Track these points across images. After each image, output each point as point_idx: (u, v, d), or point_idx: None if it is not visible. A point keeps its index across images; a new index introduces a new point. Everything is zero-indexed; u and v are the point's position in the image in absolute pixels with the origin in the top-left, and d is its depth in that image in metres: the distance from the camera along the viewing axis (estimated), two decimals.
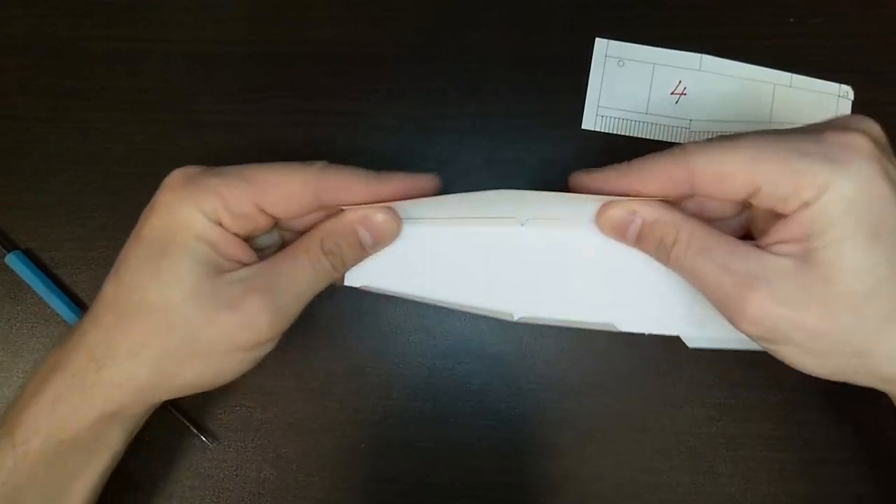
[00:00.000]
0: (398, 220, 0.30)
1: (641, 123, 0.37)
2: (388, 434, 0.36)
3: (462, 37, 0.38)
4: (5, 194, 0.37)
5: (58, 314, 0.36)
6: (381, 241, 0.30)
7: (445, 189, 0.37)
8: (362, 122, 0.37)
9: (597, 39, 0.37)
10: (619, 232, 0.29)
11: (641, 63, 0.37)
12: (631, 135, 0.37)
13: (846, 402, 0.36)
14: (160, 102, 0.38)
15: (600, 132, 0.37)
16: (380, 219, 0.29)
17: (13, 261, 0.36)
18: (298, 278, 0.29)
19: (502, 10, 0.38)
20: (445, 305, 0.31)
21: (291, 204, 0.28)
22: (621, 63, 0.37)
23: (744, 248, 0.26)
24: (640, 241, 0.29)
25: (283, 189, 0.28)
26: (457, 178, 0.37)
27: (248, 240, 0.29)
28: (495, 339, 0.36)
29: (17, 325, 0.37)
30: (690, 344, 0.30)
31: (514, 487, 0.35)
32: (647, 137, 0.37)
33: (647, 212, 0.28)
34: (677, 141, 0.37)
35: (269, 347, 0.29)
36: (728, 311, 0.26)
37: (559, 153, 0.37)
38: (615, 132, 0.37)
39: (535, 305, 0.31)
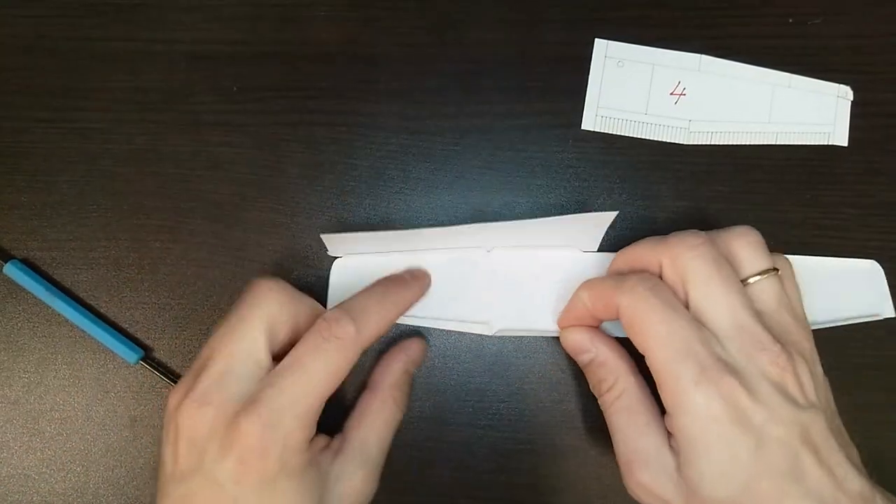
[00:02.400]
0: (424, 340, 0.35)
1: (641, 124, 0.37)
2: None
3: (462, 37, 0.38)
4: (5, 194, 0.37)
5: (60, 314, 0.36)
6: (420, 363, 0.35)
7: (445, 189, 0.37)
8: (362, 122, 0.37)
9: (596, 40, 0.37)
10: (574, 351, 0.32)
11: (641, 63, 0.37)
12: (631, 135, 0.37)
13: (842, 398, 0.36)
14: (160, 102, 0.38)
15: (600, 132, 0.37)
16: (417, 352, 0.35)
17: (11, 270, 0.36)
18: (384, 440, 0.32)
19: (502, 10, 0.38)
20: (426, 324, 0.35)
21: (344, 376, 0.28)
22: (621, 63, 0.37)
23: (654, 425, 0.28)
24: (585, 368, 0.32)
25: (337, 377, 0.28)
26: (457, 179, 0.37)
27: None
28: (495, 339, 0.36)
29: (19, 325, 0.37)
30: None
31: (514, 487, 0.35)
32: (647, 138, 0.37)
33: (603, 352, 0.31)
34: (677, 141, 0.37)
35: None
36: (620, 466, 0.29)
37: (559, 153, 0.37)
38: (615, 132, 0.37)
39: (510, 319, 0.34)
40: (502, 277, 0.35)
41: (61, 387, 0.36)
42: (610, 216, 0.31)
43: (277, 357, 0.29)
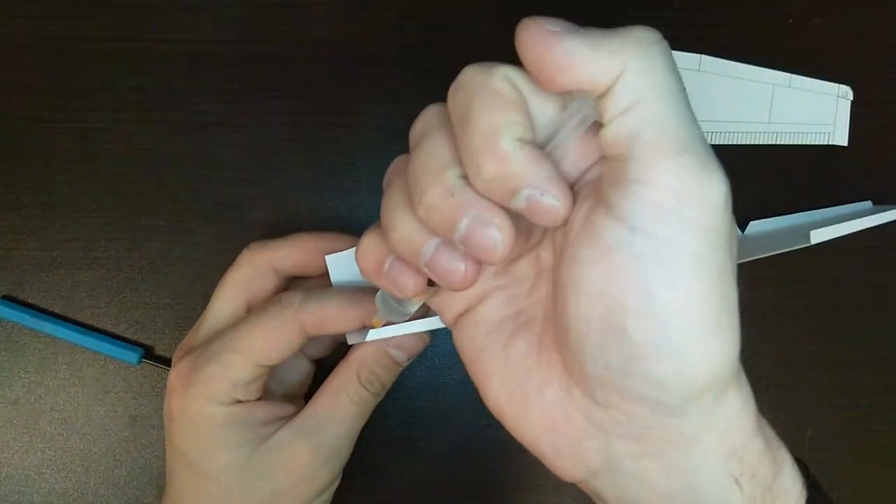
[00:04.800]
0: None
1: None
2: (388, 434, 0.36)
3: (462, 37, 0.38)
4: (6, 194, 0.37)
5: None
6: (413, 353, 0.31)
7: None
8: (362, 122, 0.37)
9: None
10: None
11: None
12: None
13: (842, 398, 0.36)
14: (160, 102, 0.38)
15: None
16: (408, 337, 0.30)
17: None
18: (343, 419, 0.30)
19: (501, 14, 0.38)
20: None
21: (284, 351, 0.28)
22: None
23: None
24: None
25: (271, 342, 0.28)
26: None
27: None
28: None
29: (18, 325, 0.37)
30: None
31: (514, 487, 0.35)
32: None
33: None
34: None
35: (336, 483, 0.31)
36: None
37: None
38: None
39: None
40: None
41: (61, 387, 0.36)
42: None
43: None
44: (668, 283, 0.18)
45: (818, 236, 0.30)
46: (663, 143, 0.18)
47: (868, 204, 0.36)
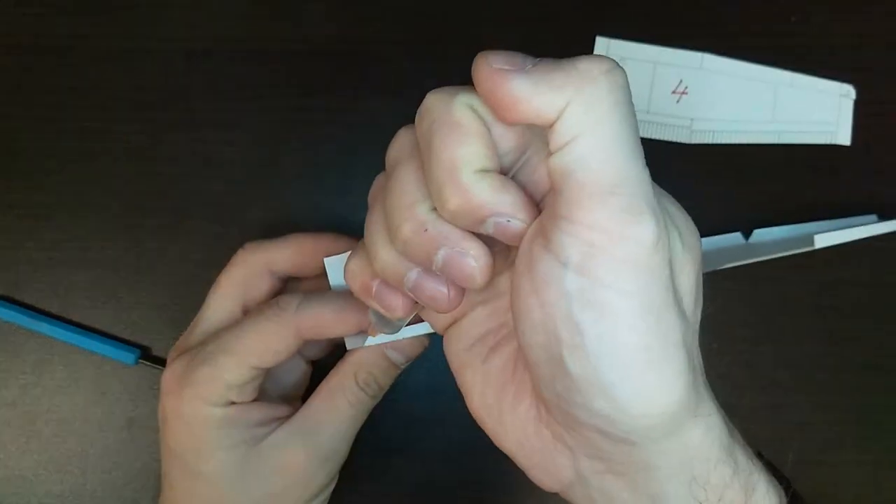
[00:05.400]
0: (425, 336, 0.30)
1: (642, 123, 0.37)
2: (388, 434, 0.36)
3: (462, 35, 0.37)
4: (2, 194, 0.37)
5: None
6: (412, 356, 0.30)
7: None
8: (362, 121, 0.37)
9: (597, 38, 0.37)
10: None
11: (642, 62, 0.37)
12: None
13: (842, 399, 0.35)
14: (158, 101, 0.37)
15: None
16: (406, 341, 0.29)
17: None
18: (339, 420, 0.29)
19: (502, 9, 0.38)
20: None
21: (280, 354, 0.28)
22: (622, 62, 0.37)
23: None
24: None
25: (267, 344, 0.28)
26: None
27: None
28: None
29: (16, 326, 0.36)
30: None
31: (514, 487, 0.35)
32: (649, 137, 0.37)
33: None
34: (678, 140, 0.37)
35: (332, 485, 0.30)
36: None
37: None
38: None
39: None
40: None
41: (58, 388, 0.36)
42: None
43: None
44: (597, 320, 0.18)
45: (822, 241, 0.30)
46: (592, 183, 0.18)
47: (873, 217, 0.36)
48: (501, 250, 0.22)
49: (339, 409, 0.29)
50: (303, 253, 0.30)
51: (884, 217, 0.36)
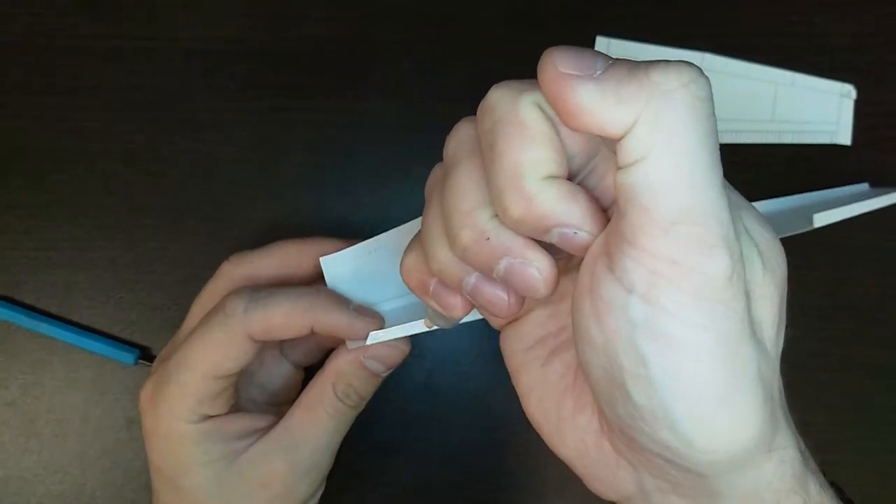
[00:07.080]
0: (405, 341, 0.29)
1: None
2: (387, 435, 0.36)
3: (462, 34, 0.37)
4: (2, 194, 0.37)
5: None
6: (392, 364, 0.29)
7: None
8: (361, 121, 0.37)
9: (598, 38, 0.37)
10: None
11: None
12: None
13: (844, 399, 0.35)
14: (158, 101, 0.37)
15: None
16: (386, 349, 0.28)
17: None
18: (320, 433, 0.28)
19: (502, 8, 0.38)
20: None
21: (240, 360, 0.27)
22: None
23: None
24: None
25: (220, 354, 0.27)
26: None
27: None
28: (495, 339, 0.36)
29: (15, 326, 0.36)
30: None
31: (514, 487, 0.35)
32: None
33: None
34: None
35: (319, 494, 0.30)
36: None
37: None
38: None
39: None
40: None
41: (58, 388, 0.36)
42: None
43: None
44: (663, 352, 0.17)
45: (821, 220, 0.30)
46: (657, 209, 0.16)
47: (865, 186, 0.36)
48: (564, 258, 0.20)
49: (318, 420, 0.28)
50: (287, 261, 0.30)
51: (875, 184, 0.36)
